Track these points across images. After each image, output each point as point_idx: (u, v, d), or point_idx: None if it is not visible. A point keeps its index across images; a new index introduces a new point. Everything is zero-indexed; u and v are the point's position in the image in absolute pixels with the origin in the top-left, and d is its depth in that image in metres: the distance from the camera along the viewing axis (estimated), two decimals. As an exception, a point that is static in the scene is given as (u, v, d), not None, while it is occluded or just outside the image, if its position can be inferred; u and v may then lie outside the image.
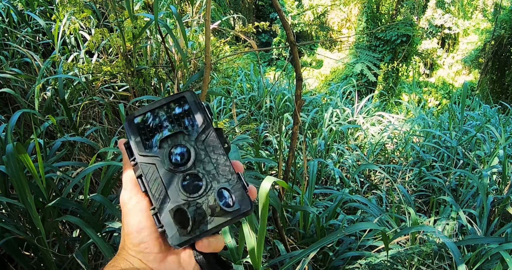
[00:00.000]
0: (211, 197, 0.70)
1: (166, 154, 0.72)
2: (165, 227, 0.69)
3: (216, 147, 0.75)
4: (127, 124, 0.75)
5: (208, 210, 0.70)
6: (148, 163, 0.72)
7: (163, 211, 0.70)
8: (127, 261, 0.72)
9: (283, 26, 2.21)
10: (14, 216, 2.29)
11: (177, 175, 0.71)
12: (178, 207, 0.69)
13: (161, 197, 0.71)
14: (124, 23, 3.10)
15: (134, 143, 0.73)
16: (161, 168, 0.71)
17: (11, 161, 1.77)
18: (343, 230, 2.04)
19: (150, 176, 0.71)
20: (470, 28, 24.53)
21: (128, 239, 0.72)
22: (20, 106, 3.31)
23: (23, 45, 3.82)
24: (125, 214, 0.73)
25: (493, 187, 3.76)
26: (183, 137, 0.74)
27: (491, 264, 2.48)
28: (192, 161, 0.72)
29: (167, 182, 0.71)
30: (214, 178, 0.72)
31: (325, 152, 5.04)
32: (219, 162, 0.74)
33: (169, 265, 0.74)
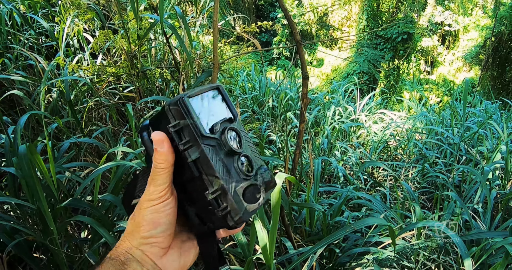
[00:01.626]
0: (266, 174, 0.78)
1: (225, 137, 0.74)
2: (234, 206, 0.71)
3: (246, 135, 0.81)
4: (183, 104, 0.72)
5: (263, 185, 0.76)
6: (210, 145, 0.72)
7: (232, 190, 0.71)
8: (128, 253, 0.72)
9: (290, 26, 2.23)
10: (23, 218, 2.31)
11: (235, 157, 0.74)
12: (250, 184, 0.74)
13: (227, 177, 0.72)
14: (128, 24, 3.12)
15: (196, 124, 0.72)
16: (221, 150, 0.73)
17: (23, 162, 1.79)
18: (352, 226, 2.06)
19: (213, 157, 0.72)
20: (470, 25, 24.50)
21: (138, 230, 0.73)
22: (25, 108, 3.32)
23: (26, 47, 3.84)
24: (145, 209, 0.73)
25: (496, 182, 3.77)
26: (231, 122, 0.78)
27: (496, 258, 2.49)
28: (244, 144, 0.78)
29: (228, 163, 0.73)
30: (255, 160, 0.78)
31: (328, 150, 5.05)
32: (252, 147, 0.81)
33: (170, 258, 0.76)
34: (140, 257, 0.72)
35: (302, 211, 3.03)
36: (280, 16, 24.72)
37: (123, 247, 0.74)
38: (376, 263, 2.31)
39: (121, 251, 0.73)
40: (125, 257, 0.72)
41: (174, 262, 0.76)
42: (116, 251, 0.73)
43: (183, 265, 0.78)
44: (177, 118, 0.72)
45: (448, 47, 25.38)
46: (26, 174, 1.79)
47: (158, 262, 0.74)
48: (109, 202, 2.23)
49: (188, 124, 0.72)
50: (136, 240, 0.73)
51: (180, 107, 0.72)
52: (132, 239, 0.73)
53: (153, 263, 0.73)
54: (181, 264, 0.78)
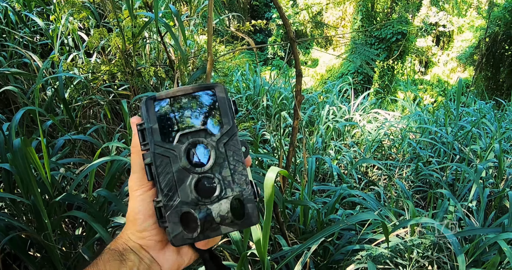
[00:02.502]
0: (224, 206, 0.68)
1: (185, 151, 0.68)
2: (168, 225, 0.68)
3: (236, 153, 0.72)
4: (146, 106, 0.70)
5: (217, 218, 0.68)
6: (162, 155, 0.68)
7: (170, 209, 0.68)
8: (127, 245, 0.73)
9: (283, 23, 2.24)
10: (18, 215, 2.31)
11: (192, 175, 0.68)
12: (188, 211, 0.67)
13: (170, 193, 0.68)
14: (123, 22, 3.12)
15: (151, 130, 0.68)
16: (176, 164, 0.68)
17: (18, 156, 1.79)
18: (346, 221, 2.07)
19: (162, 169, 0.68)
20: (464, 26, 24.58)
21: (133, 225, 0.73)
22: (20, 106, 3.32)
23: (21, 45, 3.83)
24: (133, 199, 0.73)
25: (490, 181, 3.79)
26: (205, 135, 0.70)
27: (489, 255, 2.51)
28: (211, 164, 0.69)
29: (179, 180, 0.68)
30: (229, 186, 0.70)
31: (322, 149, 5.06)
32: (236, 169, 0.71)
33: (167, 254, 0.75)
34: (138, 250, 0.73)
35: (296, 209, 3.04)
36: (275, 16, 24.75)
37: (122, 238, 0.74)
38: (370, 259, 2.32)
39: (120, 243, 0.73)
40: (123, 248, 0.72)
41: (171, 258, 0.76)
42: (116, 243, 0.74)
43: (180, 262, 0.78)
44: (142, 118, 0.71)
45: (443, 47, 25.46)
46: (21, 168, 1.80)
47: (155, 255, 0.74)
48: (104, 198, 2.23)
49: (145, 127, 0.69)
50: (133, 234, 0.73)
51: (141, 108, 0.71)
52: (129, 233, 0.74)
53: (150, 257, 0.73)
54: (178, 261, 0.77)
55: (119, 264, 0.70)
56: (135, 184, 0.73)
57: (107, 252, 0.72)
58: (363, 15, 18.50)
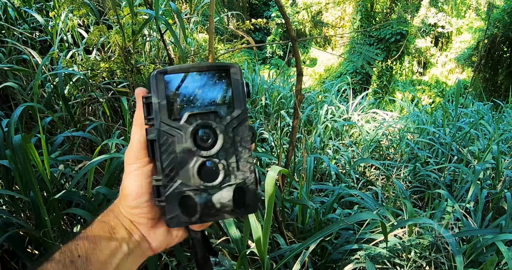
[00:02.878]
0: (226, 194, 0.67)
1: (192, 132, 0.66)
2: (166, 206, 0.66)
3: (244, 139, 0.69)
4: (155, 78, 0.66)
5: (217, 205, 0.67)
6: (168, 134, 0.66)
7: (169, 189, 0.66)
8: (118, 219, 0.72)
9: (285, 22, 2.24)
10: (16, 212, 2.31)
11: (196, 157, 0.66)
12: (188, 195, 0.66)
13: (171, 174, 0.66)
14: (123, 20, 3.12)
15: (158, 105, 0.65)
16: (180, 144, 0.66)
17: (18, 153, 1.79)
18: (345, 221, 2.07)
19: (166, 147, 0.66)
20: (463, 27, 24.58)
21: (125, 200, 0.71)
22: (18, 103, 3.31)
23: (20, 42, 3.82)
24: (127, 174, 0.71)
25: (487, 182, 3.79)
26: (215, 118, 0.67)
27: (486, 256, 2.52)
28: (217, 148, 0.66)
29: (182, 161, 0.66)
30: (233, 173, 0.68)
31: (320, 149, 5.07)
32: (242, 156, 0.69)
33: (158, 232, 0.75)
34: (129, 226, 0.73)
35: (295, 208, 3.04)
36: (274, 15, 24.74)
37: (114, 212, 0.74)
38: (368, 259, 2.32)
39: (112, 216, 0.73)
40: (114, 222, 0.72)
41: (161, 236, 0.75)
42: (107, 215, 0.73)
43: (169, 241, 0.77)
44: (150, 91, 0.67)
45: (441, 48, 25.47)
46: (21, 165, 1.79)
47: (146, 233, 0.74)
48: (103, 195, 2.23)
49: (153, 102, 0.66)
50: (124, 209, 0.73)
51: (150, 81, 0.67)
52: (121, 207, 0.73)
53: (140, 234, 0.73)
54: (168, 240, 0.77)
55: (109, 237, 0.69)
56: (131, 157, 0.71)
57: (97, 224, 0.72)
58: (363, 15, 18.51)
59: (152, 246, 0.76)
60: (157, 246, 0.76)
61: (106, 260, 0.67)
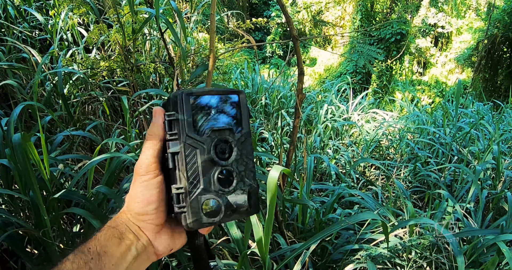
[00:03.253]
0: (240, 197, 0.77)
1: (213, 145, 0.75)
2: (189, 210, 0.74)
3: (249, 152, 0.81)
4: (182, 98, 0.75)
5: (233, 206, 0.76)
6: (192, 146, 0.74)
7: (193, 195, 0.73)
8: (126, 225, 0.78)
9: (287, 21, 2.23)
10: (16, 212, 2.30)
11: (216, 167, 0.75)
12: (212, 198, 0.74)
13: (194, 181, 0.74)
14: (123, 18, 3.11)
15: (185, 122, 0.74)
16: (203, 155, 0.74)
17: (17, 152, 1.78)
18: (346, 221, 2.06)
19: (190, 158, 0.74)
20: (463, 27, 24.58)
21: (134, 207, 0.78)
22: (18, 101, 3.30)
23: (20, 40, 3.81)
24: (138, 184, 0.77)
25: (488, 182, 3.79)
26: (229, 134, 0.78)
27: (487, 256, 2.51)
28: (233, 159, 0.77)
29: (204, 170, 0.74)
30: (242, 179, 0.78)
31: (320, 148, 5.06)
32: (248, 166, 0.80)
33: (163, 237, 0.82)
34: (137, 231, 0.78)
35: (295, 208, 3.03)
36: (274, 15, 24.74)
37: (122, 218, 0.79)
38: (369, 259, 2.32)
39: (120, 222, 0.78)
40: (123, 228, 0.77)
41: (165, 241, 0.82)
42: (116, 221, 0.78)
43: (172, 246, 0.84)
44: (174, 110, 0.75)
45: (441, 48, 25.47)
46: (20, 164, 1.78)
47: (152, 238, 0.80)
48: (103, 195, 2.22)
49: (179, 119, 0.74)
50: (132, 216, 0.79)
51: (178, 101, 0.75)
52: (129, 214, 0.79)
53: (147, 239, 0.79)
54: (171, 245, 0.84)
55: (118, 241, 0.74)
56: (143, 170, 0.77)
57: (107, 229, 0.76)
58: (363, 15, 18.48)
59: (157, 250, 0.82)
60: (161, 251, 0.83)
61: (117, 262, 0.73)
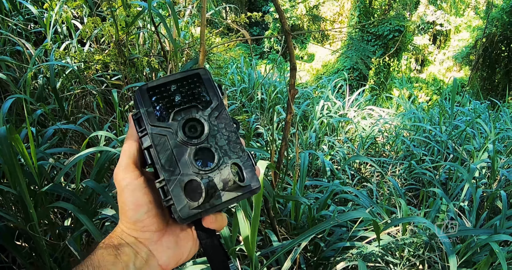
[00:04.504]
0: (225, 171, 0.71)
1: (180, 126, 0.72)
2: (173, 199, 0.68)
3: (228, 124, 0.76)
4: (139, 93, 0.74)
5: (220, 184, 0.70)
6: (159, 134, 0.71)
7: (173, 183, 0.69)
8: (122, 239, 0.71)
9: (278, 14, 2.21)
10: (6, 206, 2.28)
11: (189, 147, 0.71)
12: (190, 179, 0.68)
13: (171, 169, 0.69)
14: (117, 12, 3.08)
15: (146, 113, 0.72)
16: (173, 140, 0.71)
17: (4, 145, 1.75)
18: (336, 218, 2.04)
19: (161, 147, 0.71)
20: (461, 25, 24.61)
21: (125, 217, 0.71)
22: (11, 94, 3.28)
23: (14, 33, 3.78)
24: (121, 191, 0.71)
25: (483, 181, 3.78)
26: (197, 111, 0.74)
27: (480, 256, 2.50)
28: (206, 135, 0.73)
29: (178, 154, 0.70)
30: (226, 154, 0.73)
31: (316, 144, 5.05)
32: (230, 138, 0.74)
33: (165, 245, 0.73)
34: (134, 244, 0.71)
35: (288, 204, 3.02)
36: (272, 10, 24.71)
37: (116, 233, 0.73)
38: (360, 257, 2.30)
39: (114, 237, 0.72)
40: (118, 243, 0.71)
41: (169, 250, 0.74)
42: (110, 238, 0.72)
43: (179, 254, 0.75)
44: (136, 107, 0.74)
45: (439, 46, 25.49)
46: (6, 157, 1.76)
47: (153, 248, 0.72)
48: (92, 189, 2.20)
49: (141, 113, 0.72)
50: (126, 226, 0.72)
51: (136, 97, 0.74)
52: (123, 226, 0.73)
53: (147, 250, 0.72)
54: (177, 253, 0.75)
55: (113, 259, 0.68)
56: (122, 173, 0.72)
57: (101, 247, 0.70)
58: (361, 11, 18.48)
59: (161, 262, 0.74)
60: (166, 263, 0.74)
61: None
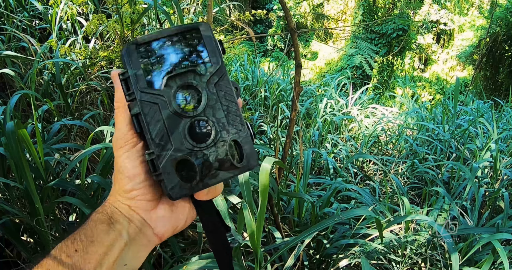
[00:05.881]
0: (222, 150, 0.65)
1: (174, 94, 0.64)
2: (163, 176, 0.63)
3: (228, 93, 0.68)
4: (126, 52, 0.65)
5: (215, 163, 0.64)
6: (150, 102, 0.63)
7: (163, 159, 0.63)
8: (115, 207, 0.69)
9: (284, 13, 2.21)
10: (12, 200, 2.30)
11: (184, 120, 0.64)
12: (184, 157, 0.63)
13: (162, 142, 0.63)
14: (122, 9, 3.10)
15: (135, 76, 0.64)
16: (165, 110, 0.64)
17: (11, 140, 1.77)
18: (339, 216, 2.06)
19: (151, 117, 0.63)
20: (465, 25, 24.54)
21: (119, 184, 0.69)
22: (17, 90, 3.29)
23: (19, 29, 3.80)
24: (118, 158, 0.68)
25: (485, 180, 3.78)
26: (194, 76, 0.66)
27: (482, 254, 2.51)
28: (203, 106, 0.65)
29: (170, 126, 0.64)
30: (224, 128, 0.66)
31: (319, 142, 5.06)
32: (230, 109, 0.67)
33: (160, 213, 0.71)
34: (127, 212, 0.69)
35: (291, 202, 3.03)
36: (276, 8, 24.67)
37: (110, 202, 0.70)
38: (363, 255, 2.32)
39: (108, 206, 0.69)
40: (111, 211, 0.68)
41: (164, 218, 0.71)
42: (104, 207, 0.70)
43: (175, 222, 0.73)
44: (124, 67, 0.66)
45: (443, 45, 25.43)
46: (13, 151, 1.77)
47: (147, 216, 0.70)
48: (97, 184, 2.21)
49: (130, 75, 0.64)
50: (120, 195, 0.69)
51: (123, 55, 0.65)
52: (116, 194, 0.70)
53: (141, 218, 0.70)
54: (173, 222, 0.73)
55: (106, 227, 0.66)
56: (119, 141, 0.68)
57: (94, 216, 0.68)
58: (365, 9, 18.43)
59: (156, 231, 0.72)
60: (162, 231, 0.72)
61: (106, 251, 0.64)
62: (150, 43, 0.65)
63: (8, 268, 2.27)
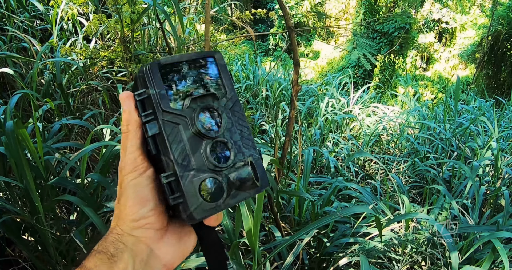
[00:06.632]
0: (242, 171, 0.65)
1: (196, 116, 0.64)
2: (186, 198, 0.61)
3: (241, 118, 0.70)
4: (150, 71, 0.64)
5: (236, 183, 0.65)
6: (172, 122, 0.63)
7: (186, 179, 0.62)
8: (120, 241, 0.64)
9: (282, 10, 2.21)
10: (12, 199, 2.30)
11: (205, 140, 0.64)
12: (209, 176, 0.63)
13: (185, 163, 0.62)
14: (122, 9, 3.10)
15: (158, 95, 0.63)
16: (187, 130, 0.63)
17: (11, 139, 1.77)
18: (338, 213, 2.06)
19: (173, 137, 0.63)
20: (467, 23, 24.49)
21: (127, 214, 0.65)
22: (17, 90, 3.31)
23: (21, 30, 3.81)
24: (125, 188, 0.65)
25: (486, 179, 3.78)
26: (213, 100, 0.67)
27: (483, 253, 2.51)
28: (223, 128, 0.66)
29: (192, 147, 0.63)
30: (240, 150, 0.67)
31: (320, 141, 5.06)
32: (243, 134, 0.69)
33: (168, 242, 0.68)
34: (134, 244, 0.65)
35: (292, 200, 3.03)
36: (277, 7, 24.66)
37: (113, 235, 0.65)
38: (363, 253, 2.32)
39: (111, 241, 0.64)
40: (115, 248, 0.63)
41: (173, 247, 0.69)
42: (106, 242, 0.64)
43: (184, 250, 0.71)
44: (143, 86, 0.65)
45: (445, 44, 25.39)
46: (13, 150, 1.78)
47: (155, 247, 0.67)
48: (96, 184, 2.22)
49: (151, 94, 0.63)
50: (126, 225, 0.65)
51: (145, 74, 0.64)
52: (122, 225, 0.66)
53: (149, 250, 0.66)
54: (181, 250, 0.70)
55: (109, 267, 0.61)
56: (128, 167, 0.65)
57: (94, 255, 0.63)
58: (366, 8, 18.40)
59: (165, 261, 0.69)
60: (171, 261, 0.70)
61: None
62: (172, 65, 0.66)
63: (9, 266, 2.28)
